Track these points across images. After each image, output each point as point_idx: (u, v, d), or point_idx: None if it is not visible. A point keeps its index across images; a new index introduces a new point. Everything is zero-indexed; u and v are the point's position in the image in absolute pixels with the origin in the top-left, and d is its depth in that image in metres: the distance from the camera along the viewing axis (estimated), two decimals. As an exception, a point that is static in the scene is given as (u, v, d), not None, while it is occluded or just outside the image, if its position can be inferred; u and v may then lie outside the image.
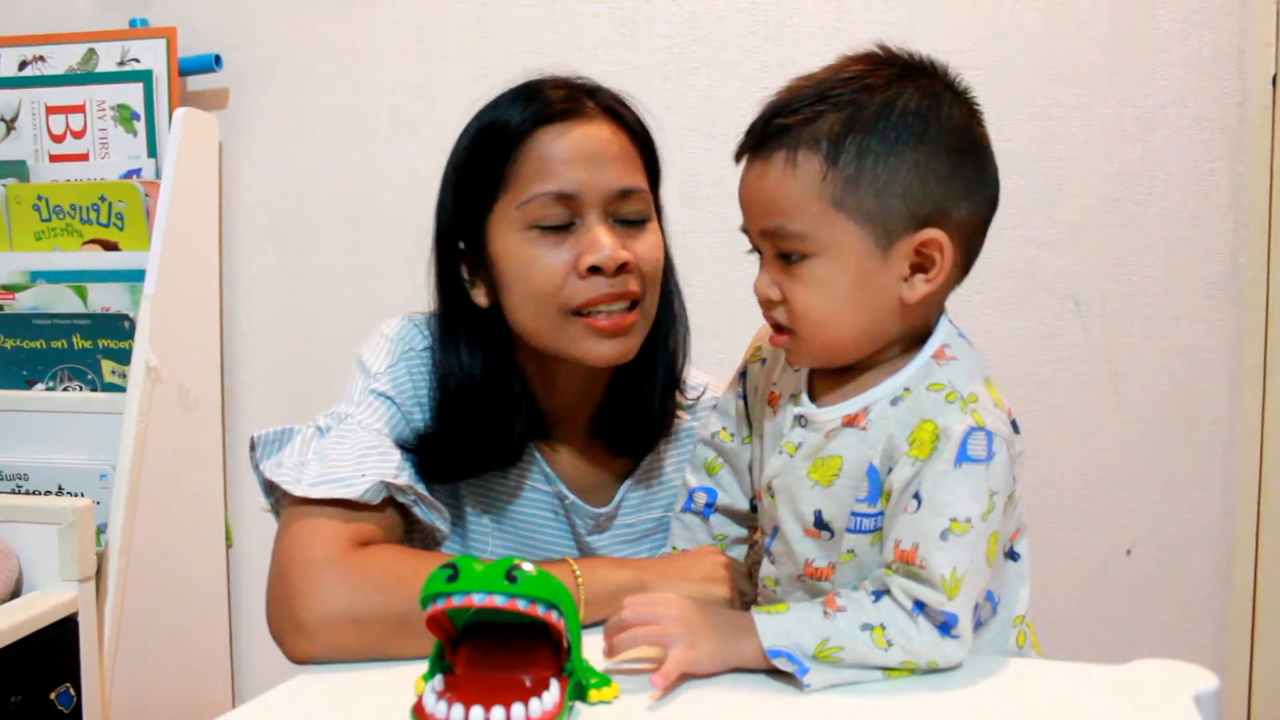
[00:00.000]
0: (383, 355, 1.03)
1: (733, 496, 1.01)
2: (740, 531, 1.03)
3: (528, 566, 0.70)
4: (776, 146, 0.82)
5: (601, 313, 0.96)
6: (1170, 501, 1.68)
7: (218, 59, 1.88)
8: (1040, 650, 0.93)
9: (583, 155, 0.96)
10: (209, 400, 1.87)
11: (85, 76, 1.89)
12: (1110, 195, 1.66)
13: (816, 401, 0.89)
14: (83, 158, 1.90)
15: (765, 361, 0.97)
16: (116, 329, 1.75)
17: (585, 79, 1.02)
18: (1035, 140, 1.66)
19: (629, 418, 1.06)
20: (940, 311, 0.88)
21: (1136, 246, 1.66)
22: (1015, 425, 0.85)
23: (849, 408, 0.86)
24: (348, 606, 0.85)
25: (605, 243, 0.95)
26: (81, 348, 1.77)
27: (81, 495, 1.69)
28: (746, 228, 0.87)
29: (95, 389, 1.77)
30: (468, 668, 0.74)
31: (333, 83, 1.90)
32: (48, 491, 1.73)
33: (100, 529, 1.60)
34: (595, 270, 0.95)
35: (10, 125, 1.91)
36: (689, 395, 1.12)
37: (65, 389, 1.78)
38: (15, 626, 1.38)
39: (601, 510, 1.07)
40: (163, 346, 1.71)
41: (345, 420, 0.98)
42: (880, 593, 0.81)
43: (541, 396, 1.03)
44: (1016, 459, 0.84)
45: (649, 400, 1.05)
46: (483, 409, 1.00)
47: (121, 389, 1.71)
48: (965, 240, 0.85)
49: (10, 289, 1.81)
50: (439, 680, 0.72)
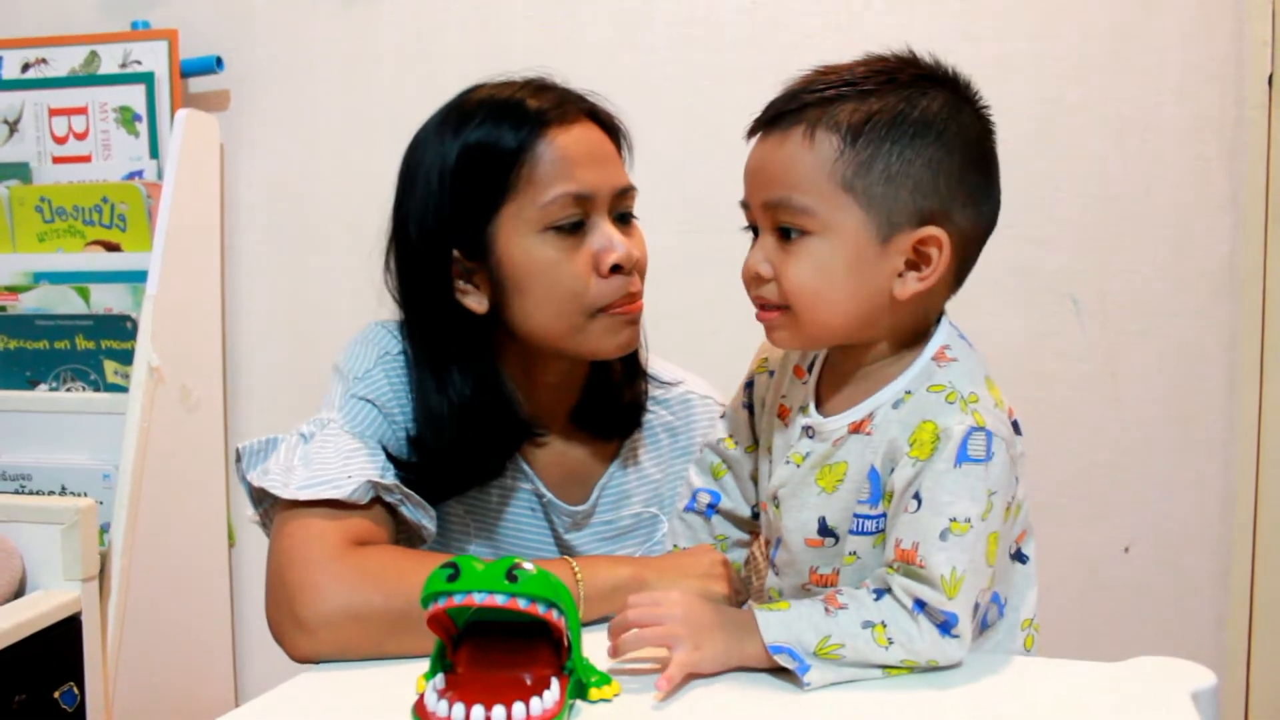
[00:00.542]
0: (360, 360, 1.04)
1: (735, 502, 1.02)
2: (740, 535, 1.04)
3: (528, 565, 0.70)
4: (796, 122, 0.83)
5: (620, 308, 0.99)
6: (1168, 499, 1.68)
7: (219, 61, 1.89)
8: (1040, 651, 0.93)
9: (591, 155, 0.99)
10: (211, 400, 1.88)
11: (87, 78, 1.90)
12: (1108, 194, 1.66)
13: (822, 411, 0.90)
14: (85, 159, 1.90)
15: (773, 374, 0.98)
16: (119, 330, 1.76)
17: (549, 81, 1.03)
18: (1033, 139, 1.66)
19: (608, 405, 1.09)
20: (938, 314, 0.89)
21: (1134, 245, 1.66)
22: (1017, 426, 0.85)
23: (854, 415, 0.87)
24: (348, 604, 0.86)
25: (620, 241, 0.98)
26: (84, 348, 1.78)
27: (84, 495, 1.69)
28: (748, 201, 0.87)
29: (98, 389, 1.78)
30: (469, 666, 0.74)
31: (333, 84, 1.90)
32: (51, 491, 1.74)
33: (103, 529, 1.60)
34: (616, 269, 0.98)
35: (13, 127, 1.92)
36: (664, 389, 1.14)
37: (68, 389, 1.79)
38: (19, 626, 1.39)
39: (579, 508, 1.08)
40: (165, 347, 1.71)
41: (328, 425, 0.99)
42: (881, 591, 0.82)
43: (525, 399, 1.04)
44: (1018, 460, 0.84)
45: (623, 385, 1.09)
46: (474, 430, 1.00)
47: (124, 389, 1.72)
48: (962, 248, 0.86)
49: (13, 290, 1.82)
50: (440, 679, 0.73)
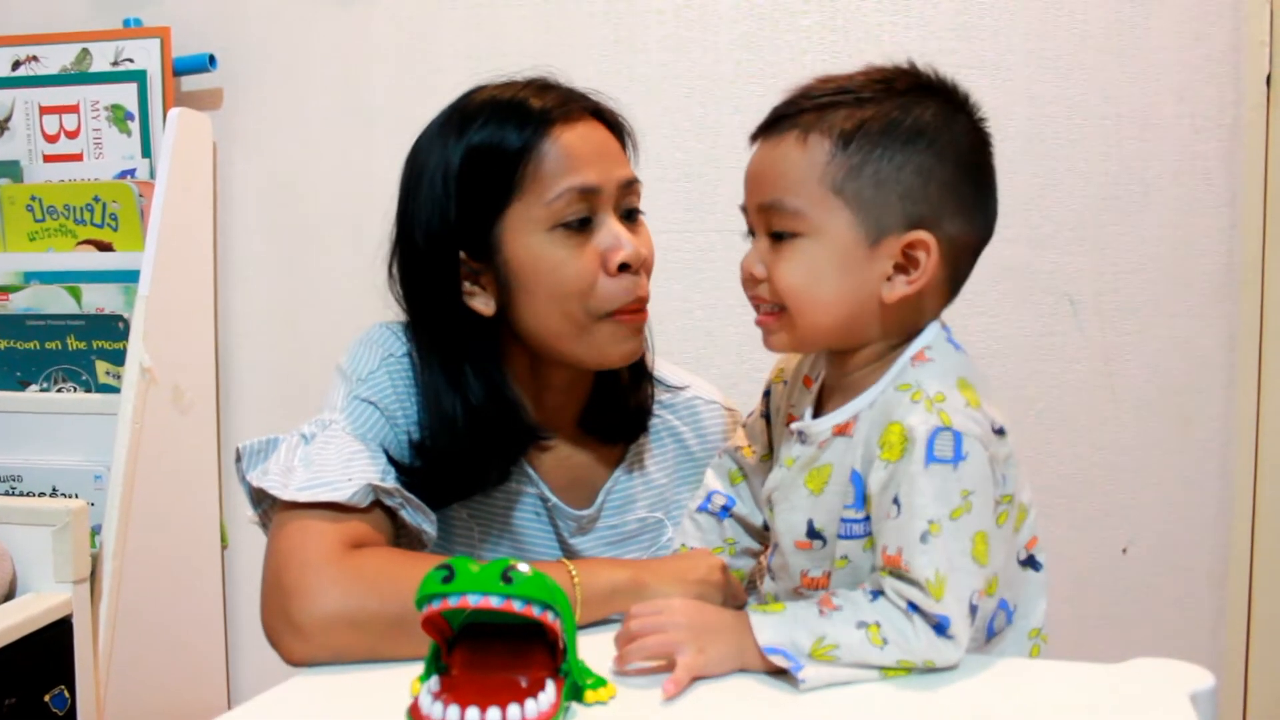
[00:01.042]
0: (364, 362, 1.03)
1: (749, 508, 1.03)
2: (749, 543, 1.04)
3: (523, 567, 0.70)
4: (791, 127, 0.85)
5: (627, 314, 0.98)
6: (1166, 500, 1.68)
7: (212, 59, 1.88)
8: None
9: (596, 151, 0.98)
10: (204, 401, 1.87)
11: (79, 76, 1.89)
12: (1106, 194, 1.66)
13: (817, 417, 0.90)
14: (76, 158, 1.89)
15: (787, 383, 0.99)
16: (111, 330, 1.75)
17: (551, 81, 1.02)
18: (1031, 140, 1.66)
19: (615, 409, 1.08)
20: (932, 319, 0.89)
21: (1132, 245, 1.66)
22: (1001, 429, 0.84)
23: (839, 417, 0.87)
24: (343, 607, 0.85)
25: (628, 239, 0.97)
26: (76, 349, 1.77)
27: (76, 497, 1.68)
28: (746, 205, 0.89)
29: (89, 390, 1.77)
30: (464, 669, 0.74)
31: (327, 82, 1.90)
32: (42, 493, 1.73)
33: (95, 530, 1.59)
34: (624, 268, 0.97)
35: (3, 125, 1.91)
36: (670, 393, 1.14)
37: (59, 390, 1.78)
38: (9, 629, 1.38)
39: (584, 512, 1.08)
40: (157, 347, 1.70)
41: (330, 427, 0.98)
42: (877, 593, 0.82)
43: (532, 403, 1.03)
44: (1003, 461, 0.83)
45: (629, 389, 1.08)
46: (483, 434, 0.99)
47: (116, 390, 1.71)
48: (953, 256, 0.86)
49: (4, 290, 1.81)
50: (435, 681, 0.72)
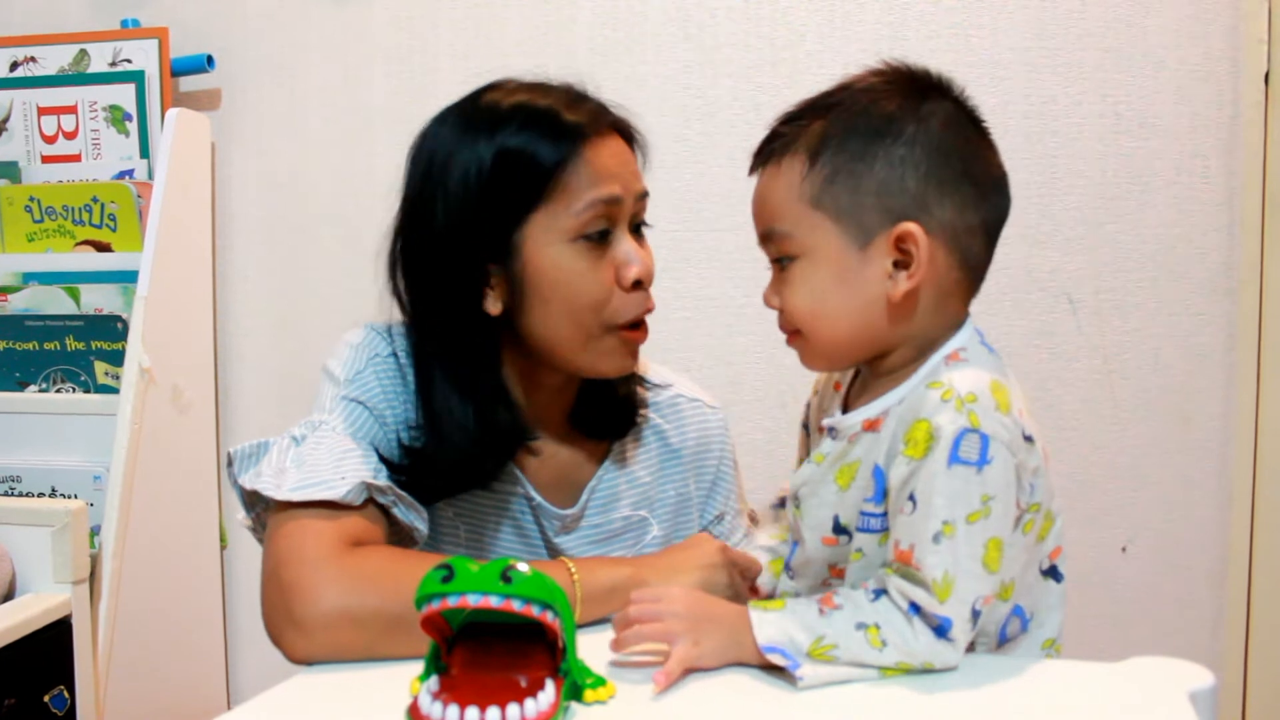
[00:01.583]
0: (350, 363, 1.03)
1: None
2: None
3: (523, 567, 0.70)
4: (770, 155, 0.87)
5: (632, 332, 1.00)
6: (1165, 498, 1.68)
7: (210, 59, 1.88)
8: None
9: (620, 164, 1.00)
10: (203, 401, 1.87)
11: (77, 77, 1.89)
12: (1104, 193, 1.66)
13: (846, 412, 0.91)
14: (75, 159, 1.89)
15: (819, 393, 1.00)
16: (109, 330, 1.75)
17: (580, 90, 1.02)
18: (1029, 138, 1.66)
19: (601, 408, 1.09)
20: (961, 317, 0.88)
21: (1131, 244, 1.66)
22: (1031, 438, 0.83)
23: (869, 412, 0.87)
24: (344, 604, 0.85)
25: (641, 256, 0.99)
26: (74, 349, 1.77)
27: (75, 497, 1.68)
28: (758, 239, 0.91)
29: (88, 390, 1.77)
30: (463, 668, 0.74)
31: (325, 82, 1.90)
32: (41, 493, 1.73)
33: (94, 531, 1.59)
34: (637, 284, 0.99)
35: (2, 126, 1.91)
36: (655, 391, 1.15)
37: (58, 390, 1.78)
38: (9, 629, 1.38)
39: (568, 511, 1.08)
40: (156, 348, 1.70)
41: (320, 427, 0.98)
42: (880, 592, 0.82)
43: (523, 403, 1.04)
44: (1034, 472, 0.83)
45: (616, 388, 1.09)
46: (480, 433, 1.00)
47: (115, 390, 1.71)
48: (953, 241, 0.85)
49: (3, 291, 1.81)
50: (434, 681, 0.72)
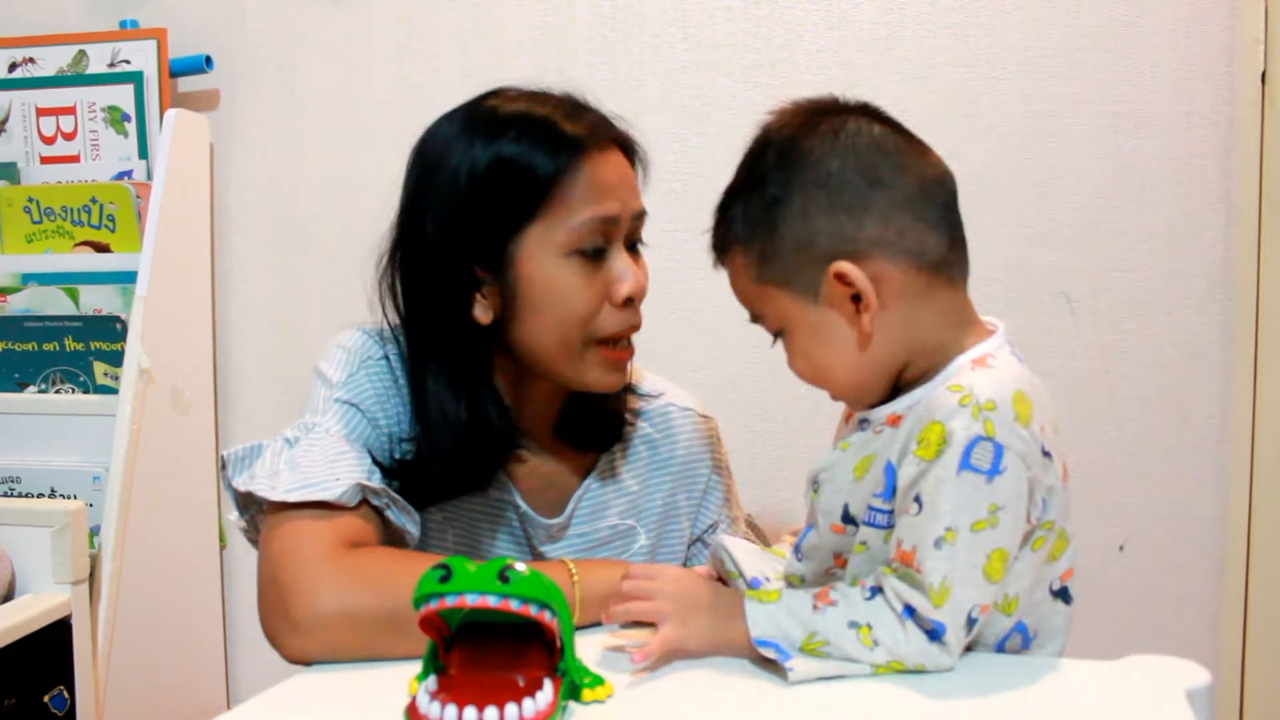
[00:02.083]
0: (342, 365, 1.03)
1: None
2: None
3: (520, 567, 0.70)
4: (718, 250, 0.93)
5: (620, 344, 1.01)
6: (1163, 497, 1.68)
7: (208, 60, 1.88)
8: None
9: (619, 180, 1.00)
10: (202, 402, 1.87)
11: (76, 78, 1.89)
12: (1101, 192, 1.66)
13: None
14: (73, 159, 1.89)
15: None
16: (109, 331, 1.75)
17: (580, 100, 1.02)
18: (1026, 138, 1.66)
19: (590, 419, 1.10)
20: (960, 305, 0.89)
21: (1128, 243, 1.66)
22: (1049, 454, 0.82)
23: (895, 407, 0.88)
24: (341, 604, 0.86)
25: (634, 273, 1.00)
26: (73, 350, 1.77)
27: (74, 498, 1.68)
28: None
29: (88, 391, 1.77)
30: (461, 668, 0.74)
31: (324, 83, 1.90)
32: (40, 494, 1.73)
33: (93, 531, 1.59)
34: (628, 301, 0.99)
35: (0, 127, 1.91)
36: (645, 400, 1.15)
37: (58, 391, 1.78)
38: (8, 629, 1.38)
39: (554, 521, 1.08)
40: (155, 348, 1.70)
41: (313, 430, 0.98)
42: (876, 590, 0.82)
43: (513, 411, 1.04)
44: (1049, 489, 0.82)
45: (606, 399, 1.09)
46: (473, 441, 1.00)
47: (114, 391, 1.71)
48: (893, 251, 0.84)
49: (2, 291, 1.80)
50: (432, 680, 0.72)
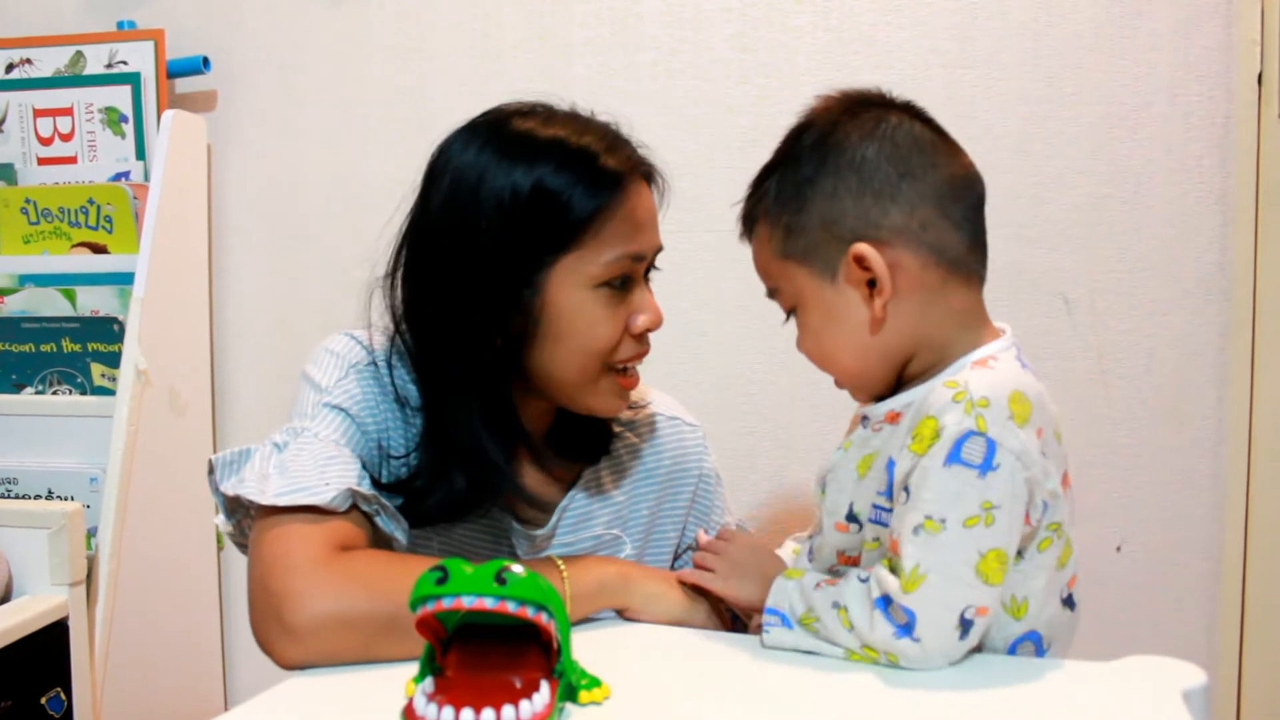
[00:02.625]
0: (331, 370, 1.03)
1: None
2: None
3: (517, 568, 0.70)
4: (746, 223, 0.95)
5: (630, 372, 1.03)
6: (1160, 498, 1.69)
7: (206, 61, 1.88)
8: None
9: (649, 217, 1.02)
10: (199, 403, 1.87)
11: (73, 79, 1.88)
12: (1098, 192, 1.66)
13: None
14: (71, 160, 1.89)
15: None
16: (106, 332, 1.75)
17: (615, 131, 1.03)
18: (1023, 138, 1.66)
19: (579, 432, 1.11)
20: (973, 307, 0.90)
21: (1125, 243, 1.66)
22: (1048, 457, 0.83)
23: (894, 404, 0.89)
24: (334, 608, 0.85)
25: (655, 306, 1.02)
26: (71, 351, 1.77)
27: (71, 499, 1.68)
28: None
29: (85, 392, 1.77)
30: (458, 670, 0.74)
31: (322, 84, 1.90)
32: (37, 495, 1.73)
33: (91, 533, 1.59)
34: (645, 331, 1.02)
35: (-3, 128, 1.91)
36: (631, 410, 1.16)
37: (55, 392, 1.78)
38: (5, 631, 1.38)
39: (538, 532, 1.09)
40: (152, 349, 1.70)
41: (302, 434, 0.98)
42: (868, 577, 0.83)
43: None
44: (1052, 496, 0.83)
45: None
46: (482, 470, 1.00)
47: (111, 392, 1.71)
48: (914, 242, 0.86)
49: (-1, 292, 1.81)
50: (429, 682, 0.72)
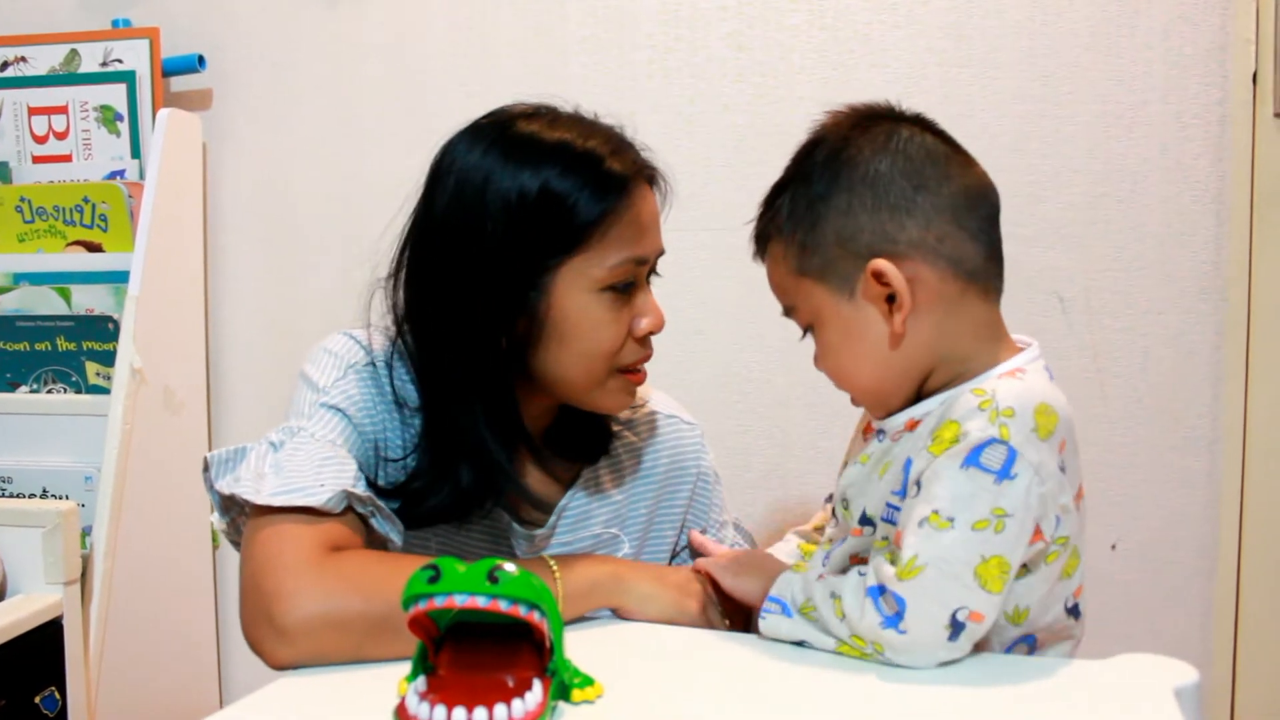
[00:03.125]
0: (329, 370, 1.03)
1: None
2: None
3: (509, 567, 0.70)
4: (760, 243, 0.94)
5: (633, 374, 1.03)
6: (1155, 496, 1.69)
7: (201, 59, 1.88)
8: None
9: (653, 221, 1.02)
10: (194, 402, 1.87)
11: (68, 77, 1.88)
12: (1093, 192, 1.66)
13: None
14: (66, 159, 1.89)
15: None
16: (101, 331, 1.75)
17: (619, 134, 1.03)
18: (1018, 138, 1.67)
19: (579, 431, 1.11)
20: (992, 319, 0.89)
21: (1120, 243, 1.67)
22: (1063, 469, 0.83)
23: (914, 412, 0.89)
24: (325, 608, 0.85)
25: (658, 309, 1.02)
26: (65, 350, 1.76)
27: (66, 498, 1.68)
28: None
29: (79, 391, 1.77)
30: (450, 668, 0.74)
31: (317, 83, 1.89)
32: (32, 494, 1.72)
33: (85, 531, 1.59)
34: (648, 334, 1.02)
35: (-8, 126, 1.91)
36: (629, 409, 1.15)
37: (49, 391, 1.78)
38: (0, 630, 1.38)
39: (536, 532, 1.09)
40: (147, 348, 1.70)
41: (298, 434, 0.98)
42: (869, 570, 0.84)
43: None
44: (1064, 510, 0.83)
45: (594, 414, 1.10)
46: (485, 471, 1.00)
47: (106, 391, 1.71)
48: (932, 255, 0.86)
49: (-7, 291, 1.81)
50: (422, 681, 0.72)
